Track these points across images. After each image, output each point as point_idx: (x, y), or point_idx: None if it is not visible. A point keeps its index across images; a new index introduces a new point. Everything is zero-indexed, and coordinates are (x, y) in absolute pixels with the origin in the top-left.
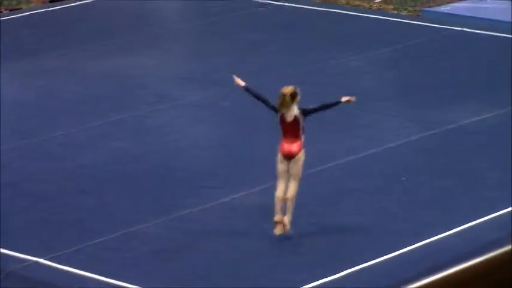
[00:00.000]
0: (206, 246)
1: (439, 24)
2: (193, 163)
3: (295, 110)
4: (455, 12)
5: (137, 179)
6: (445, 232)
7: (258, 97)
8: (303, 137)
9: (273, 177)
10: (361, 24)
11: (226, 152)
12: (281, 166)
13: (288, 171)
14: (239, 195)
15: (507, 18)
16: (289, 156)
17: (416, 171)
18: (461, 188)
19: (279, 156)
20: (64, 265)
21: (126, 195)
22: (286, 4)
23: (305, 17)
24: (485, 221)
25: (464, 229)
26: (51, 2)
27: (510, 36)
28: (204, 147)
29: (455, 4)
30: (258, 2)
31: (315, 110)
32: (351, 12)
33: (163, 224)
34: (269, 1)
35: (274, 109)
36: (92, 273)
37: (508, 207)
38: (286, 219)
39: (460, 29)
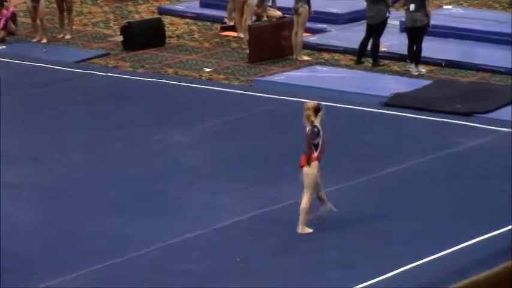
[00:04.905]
0: None
1: (272, 94)
2: (13, 247)
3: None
4: (289, 82)
5: None
6: None
7: None
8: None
9: (101, 260)
10: (191, 95)
11: (48, 234)
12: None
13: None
14: (63, 279)
15: (342, 88)
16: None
17: (250, 251)
18: (301, 267)
19: None
20: None
21: None
22: (109, 74)
23: (130, 88)
24: None
25: None
26: None
27: (347, 106)
28: (25, 230)
29: (289, 73)
30: (83, 72)
31: None
32: (179, 83)
33: None
34: (92, 71)
35: None
36: None
37: None
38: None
39: (294, 98)
